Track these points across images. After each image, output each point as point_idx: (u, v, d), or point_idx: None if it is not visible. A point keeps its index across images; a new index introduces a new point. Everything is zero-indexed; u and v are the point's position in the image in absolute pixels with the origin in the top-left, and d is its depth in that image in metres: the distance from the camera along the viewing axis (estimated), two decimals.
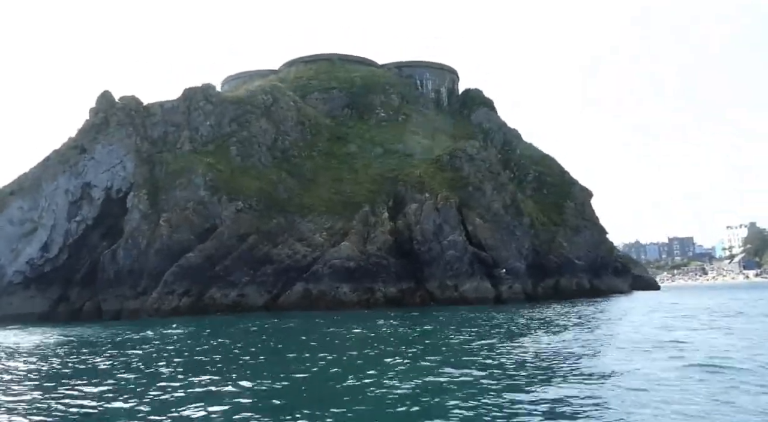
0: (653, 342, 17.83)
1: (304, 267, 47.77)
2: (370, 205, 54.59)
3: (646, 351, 15.97)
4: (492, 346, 17.78)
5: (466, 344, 19.00)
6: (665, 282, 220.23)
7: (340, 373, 13.69)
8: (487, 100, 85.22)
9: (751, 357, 14.04)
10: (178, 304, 42.98)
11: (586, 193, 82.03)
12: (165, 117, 52.37)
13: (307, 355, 16.83)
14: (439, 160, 60.69)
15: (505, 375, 12.54)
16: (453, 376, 12.34)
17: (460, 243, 53.30)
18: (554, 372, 12.87)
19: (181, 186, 48.34)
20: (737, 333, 20.03)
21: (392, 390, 11.04)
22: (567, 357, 15.00)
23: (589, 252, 76.52)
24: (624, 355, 15.24)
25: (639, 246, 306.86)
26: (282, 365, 15.28)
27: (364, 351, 18.02)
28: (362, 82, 73.23)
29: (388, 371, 13.26)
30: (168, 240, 45.85)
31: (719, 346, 16.39)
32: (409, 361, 15.03)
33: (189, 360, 16.79)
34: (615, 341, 19.16)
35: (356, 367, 14.29)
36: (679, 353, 15.27)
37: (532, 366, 13.68)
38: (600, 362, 14.29)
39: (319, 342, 21.45)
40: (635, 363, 13.69)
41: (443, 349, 17.81)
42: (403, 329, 26.56)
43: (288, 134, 57.39)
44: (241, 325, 30.52)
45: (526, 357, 15.26)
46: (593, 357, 15.33)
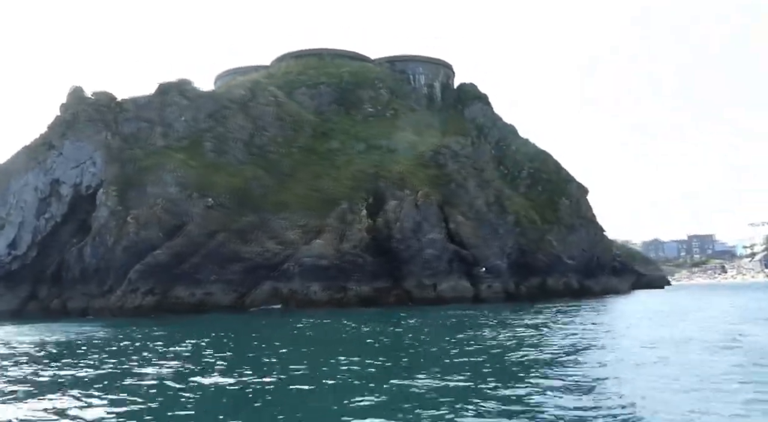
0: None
1: (275, 265, 46.75)
2: (348, 202, 53.36)
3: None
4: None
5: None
6: (682, 280, 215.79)
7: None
8: (481, 95, 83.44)
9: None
10: (141, 303, 42.11)
11: (583, 191, 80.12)
12: (138, 112, 51.57)
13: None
14: (422, 157, 59.34)
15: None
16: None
17: (439, 242, 51.95)
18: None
19: (150, 182, 47.52)
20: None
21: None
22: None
23: (584, 251, 74.72)
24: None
25: (658, 243, 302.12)
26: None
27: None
28: (351, 77, 72.00)
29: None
30: (135, 238, 45.00)
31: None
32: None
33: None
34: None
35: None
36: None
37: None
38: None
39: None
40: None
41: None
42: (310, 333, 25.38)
43: (266, 130, 56.33)
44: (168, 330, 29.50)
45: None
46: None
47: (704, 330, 20.81)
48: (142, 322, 33.21)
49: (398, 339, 21.07)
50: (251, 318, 36.76)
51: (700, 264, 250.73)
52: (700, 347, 15.91)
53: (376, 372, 13.00)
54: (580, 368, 12.94)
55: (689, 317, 28.63)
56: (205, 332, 25.44)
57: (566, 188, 78.10)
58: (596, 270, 75.86)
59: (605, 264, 78.83)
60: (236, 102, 55.95)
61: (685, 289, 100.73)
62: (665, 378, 11.33)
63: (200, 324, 31.36)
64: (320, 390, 10.83)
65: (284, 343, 19.93)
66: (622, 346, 17.22)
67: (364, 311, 41.34)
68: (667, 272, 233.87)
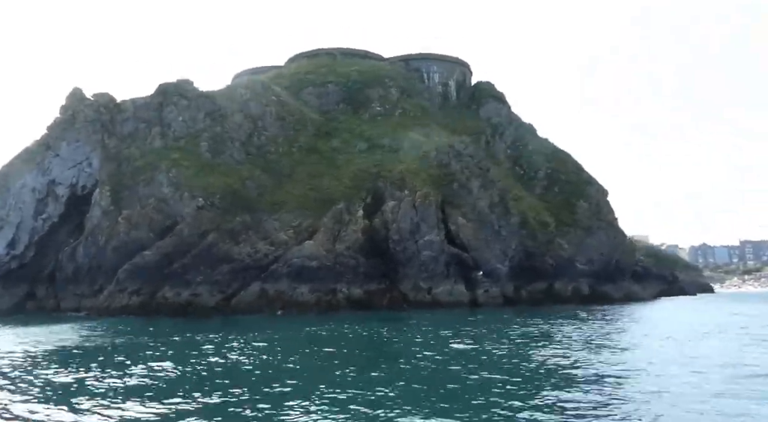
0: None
1: (264, 266, 46.21)
2: (345, 203, 52.53)
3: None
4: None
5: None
6: (732, 288, 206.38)
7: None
8: (497, 94, 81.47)
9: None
10: (127, 303, 42.17)
11: (603, 193, 77.24)
12: (137, 113, 51.84)
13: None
14: (425, 156, 58.01)
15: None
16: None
17: (436, 243, 50.61)
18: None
19: (143, 182, 47.67)
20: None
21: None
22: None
23: (602, 255, 71.97)
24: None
25: (706, 248, 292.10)
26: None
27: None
28: (359, 76, 71.15)
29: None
30: (126, 238, 45.15)
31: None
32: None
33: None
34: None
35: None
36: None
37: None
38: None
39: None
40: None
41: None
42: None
43: (266, 129, 55.97)
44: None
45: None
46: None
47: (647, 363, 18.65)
48: (130, 321, 33.07)
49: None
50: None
51: (753, 271, 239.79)
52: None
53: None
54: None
55: (666, 334, 26.70)
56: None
57: (585, 190, 75.42)
58: (615, 276, 73.01)
59: (625, 269, 75.77)
60: (236, 102, 55.75)
61: (723, 298, 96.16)
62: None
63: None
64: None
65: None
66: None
67: (347, 316, 40.43)
68: (716, 279, 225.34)
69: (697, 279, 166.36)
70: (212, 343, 21.62)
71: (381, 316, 38.70)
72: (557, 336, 22.97)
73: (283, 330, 28.80)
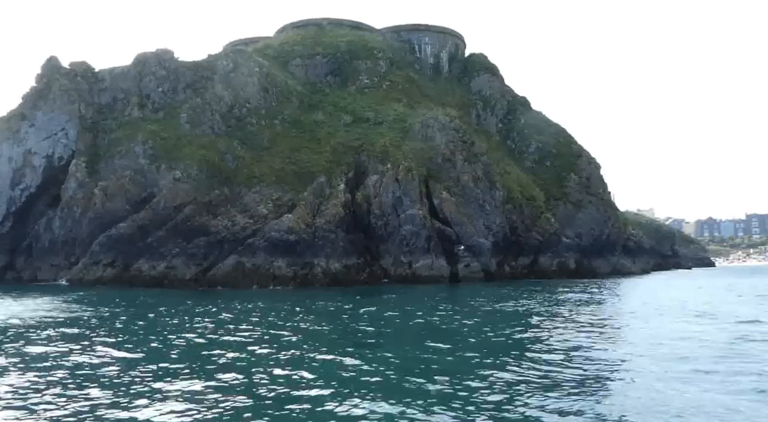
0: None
1: (242, 239, 45.79)
2: (327, 176, 51.90)
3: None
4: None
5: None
6: (735, 262, 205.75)
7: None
8: (490, 66, 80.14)
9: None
10: (102, 275, 41.95)
11: (594, 166, 76.35)
12: (114, 83, 51.01)
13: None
14: (409, 130, 57.13)
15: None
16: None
17: (418, 218, 50.00)
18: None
19: (119, 154, 47.07)
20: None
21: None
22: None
23: (592, 229, 71.53)
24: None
25: (712, 222, 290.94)
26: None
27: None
28: (348, 47, 69.84)
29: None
30: (101, 210, 44.75)
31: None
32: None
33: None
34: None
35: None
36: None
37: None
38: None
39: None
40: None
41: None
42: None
43: (248, 101, 55.07)
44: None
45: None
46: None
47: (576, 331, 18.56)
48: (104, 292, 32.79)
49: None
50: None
51: (759, 244, 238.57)
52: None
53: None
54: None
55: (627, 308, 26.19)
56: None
57: (576, 163, 74.59)
58: (605, 250, 72.61)
59: (616, 243, 75.29)
60: (217, 73, 54.75)
61: (718, 272, 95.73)
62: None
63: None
64: None
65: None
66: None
67: (320, 292, 40.13)
68: (721, 253, 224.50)
69: (697, 254, 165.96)
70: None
71: (350, 292, 38.37)
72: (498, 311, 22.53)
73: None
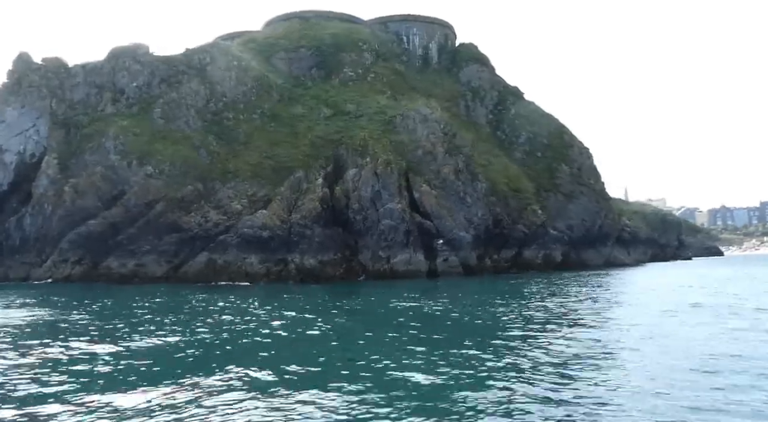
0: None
1: (214, 236, 45.12)
2: (304, 171, 51.08)
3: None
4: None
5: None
6: (747, 250, 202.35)
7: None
8: (480, 56, 78.79)
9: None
10: (70, 273, 41.43)
11: (586, 156, 75.02)
12: (87, 78, 50.34)
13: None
14: (390, 122, 56.13)
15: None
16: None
17: (396, 212, 49.08)
18: None
19: (90, 150, 46.45)
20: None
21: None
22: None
23: (584, 220, 70.32)
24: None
25: (725, 211, 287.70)
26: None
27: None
28: (332, 39, 68.78)
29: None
30: (72, 207, 44.18)
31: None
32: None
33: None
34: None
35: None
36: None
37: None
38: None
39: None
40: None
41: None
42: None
43: (225, 95, 54.27)
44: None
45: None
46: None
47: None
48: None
49: None
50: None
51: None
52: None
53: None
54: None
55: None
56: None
57: (567, 153, 73.30)
58: (598, 241, 71.42)
59: (609, 234, 73.99)
60: (193, 67, 53.98)
61: (719, 262, 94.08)
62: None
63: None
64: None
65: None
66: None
67: (287, 288, 39.36)
68: (735, 241, 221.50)
69: (704, 243, 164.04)
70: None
71: (311, 291, 37.58)
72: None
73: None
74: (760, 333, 13.91)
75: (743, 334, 13.84)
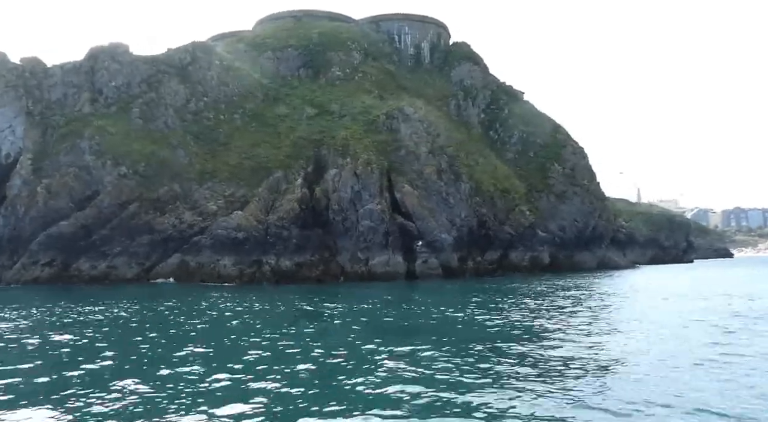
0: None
1: (188, 237, 44.50)
2: (284, 171, 50.37)
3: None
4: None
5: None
6: (761, 252, 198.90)
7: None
8: (472, 55, 77.71)
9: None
10: (39, 275, 40.94)
11: (580, 156, 73.76)
12: (65, 78, 49.92)
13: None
14: (373, 122, 55.25)
15: None
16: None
17: (376, 213, 48.22)
18: None
19: (65, 150, 45.99)
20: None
21: None
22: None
23: (576, 221, 69.15)
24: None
25: (739, 211, 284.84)
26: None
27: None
28: (320, 38, 68.04)
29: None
30: (44, 208, 43.71)
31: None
32: None
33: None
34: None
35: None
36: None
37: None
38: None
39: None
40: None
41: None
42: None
43: (206, 95, 53.67)
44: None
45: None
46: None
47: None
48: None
49: None
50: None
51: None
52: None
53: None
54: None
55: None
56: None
57: (560, 153, 72.10)
58: (591, 243, 70.16)
59: (603, 235, 72.70)
60: (174, 66, 53.44)
61: (726, 264, 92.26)
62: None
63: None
64: None
65: None
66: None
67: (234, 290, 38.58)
68: (749, 243, 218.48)
69: (713, 244, 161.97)
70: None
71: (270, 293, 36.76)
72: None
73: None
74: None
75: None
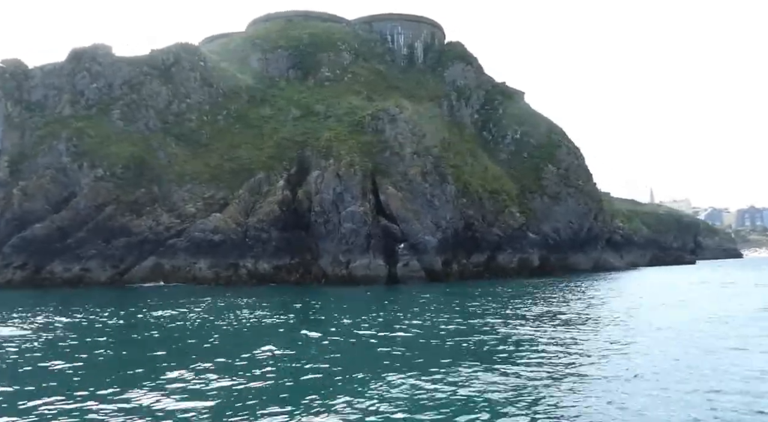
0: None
1: (164, 240, 43.90)
2: (266, 173, 49.72)
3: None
4: None
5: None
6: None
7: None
8: (466, 55, 76.64)
9: None
10: (11, 278, 40.46)
11: (575, 157, 72.52)
12: (45, 80, 49.56)
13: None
14: (358, 123, 54.41)
15: None
16: None
17: (358, 215, 47.34)
18: None
19: (42, 152, 45.57)
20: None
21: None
22: None
23: (570, 223, 67.97)
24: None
25: (754, 211, 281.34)
26: None
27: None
28: (311, 39, 67.39)
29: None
30: (19, 210, 43.27)
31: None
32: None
33: None
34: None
35: None
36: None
37: None
38: None
39: None
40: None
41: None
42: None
43: (188, 97, 53.12)
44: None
45: None
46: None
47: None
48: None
49: None
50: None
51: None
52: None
53: None
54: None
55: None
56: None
57: (554, 154, 70.87)
58: (586, 244, 68.91)
59: (598, 236, 71.41)
60: (157, 68, 52.94)
61: (732, 264, 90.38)
62: None
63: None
64: None
65: None
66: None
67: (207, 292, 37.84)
68: (764, 243, 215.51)
69: (722, 245, 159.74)
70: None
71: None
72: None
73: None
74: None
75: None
